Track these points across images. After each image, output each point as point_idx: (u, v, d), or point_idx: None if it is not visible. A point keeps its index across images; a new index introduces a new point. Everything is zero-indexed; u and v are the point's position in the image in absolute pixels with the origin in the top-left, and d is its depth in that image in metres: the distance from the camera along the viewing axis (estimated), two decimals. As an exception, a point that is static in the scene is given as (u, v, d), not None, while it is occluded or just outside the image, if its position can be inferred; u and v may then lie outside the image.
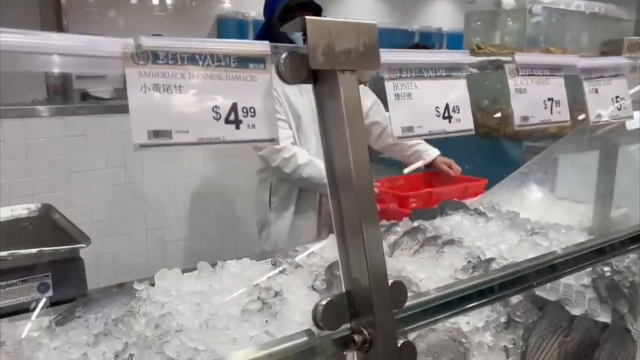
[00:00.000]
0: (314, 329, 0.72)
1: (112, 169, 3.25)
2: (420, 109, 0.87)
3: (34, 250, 1.31)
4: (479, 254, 1.58)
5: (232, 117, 0.67)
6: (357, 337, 0.73)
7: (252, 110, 0.69)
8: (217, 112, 0.67)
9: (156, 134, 0.62)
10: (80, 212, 3.09)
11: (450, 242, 1.65)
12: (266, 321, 1.19)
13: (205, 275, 1.38)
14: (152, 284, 1.33)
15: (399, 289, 0.77)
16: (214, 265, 1.45)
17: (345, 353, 0.74)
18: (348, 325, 0.74)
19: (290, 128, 2.63)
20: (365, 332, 0.73)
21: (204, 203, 3.58)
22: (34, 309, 1.38)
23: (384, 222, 1.97)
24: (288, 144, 2.58)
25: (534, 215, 1.95)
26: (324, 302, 0.72)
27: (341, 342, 0.73)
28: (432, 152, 2.95)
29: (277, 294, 1.30)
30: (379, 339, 0.72)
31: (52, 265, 1.36)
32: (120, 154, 3.26)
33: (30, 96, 4.80)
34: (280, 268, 1.44)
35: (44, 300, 1.37)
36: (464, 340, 1.27)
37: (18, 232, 1.58)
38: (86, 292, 1.44)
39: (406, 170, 2.89)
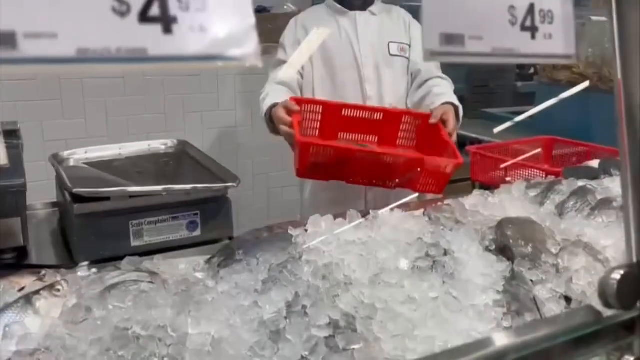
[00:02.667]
0: (599, 307, 0.56)
1: (224, 110, 3.21)
2: None
3: (188, 187, 1.24)
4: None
5: (528, 23, 0.50)
6: (652, 321, 0.56)
7: (549, 14, 0.52)
8: (513, 15, 0.50)
9: (448, 39, 0.46)
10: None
11: (632, 206, 1.42)
12: (444, 282, 1.06)
13: (361, 225, 1.26)
14: (306, 230, 1.23)
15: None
16: (364, 215, 1.33)
17: (629, 341, 0.57)
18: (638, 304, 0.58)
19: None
20: (665, 315, 0.56)
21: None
22: (182, 247, 1.33)
23: (539, 179, 1.76)
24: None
25: None
26: (616, 276, 0.55)
27: (626, 325, 0.57)
28: (440, 99, 1.95)
29: (446, 252, 1.16)
30: (688, 325, 0.55)
31: (201, 204, 1.28)
32: (231, 97, 3.21)
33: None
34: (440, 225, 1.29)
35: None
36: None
37: (160, 168, 1.53)
38: (232, 234, 1.37)
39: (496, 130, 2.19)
